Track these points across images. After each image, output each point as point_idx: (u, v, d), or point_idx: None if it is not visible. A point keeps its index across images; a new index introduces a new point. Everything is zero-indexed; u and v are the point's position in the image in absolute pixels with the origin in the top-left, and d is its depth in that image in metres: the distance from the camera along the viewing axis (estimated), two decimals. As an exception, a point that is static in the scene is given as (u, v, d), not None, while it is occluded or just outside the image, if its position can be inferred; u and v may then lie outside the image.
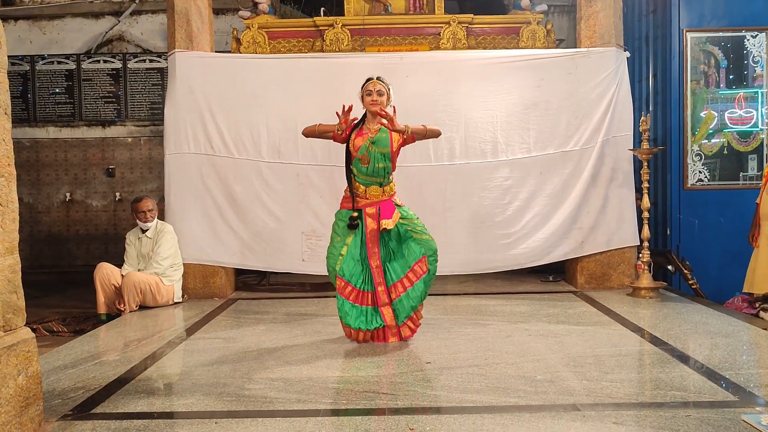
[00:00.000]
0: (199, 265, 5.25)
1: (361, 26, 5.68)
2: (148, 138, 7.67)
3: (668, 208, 5.98)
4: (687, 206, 5.83)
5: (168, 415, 2.57)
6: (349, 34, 5.65)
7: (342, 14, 5.85)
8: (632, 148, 5.17)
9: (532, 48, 5.52)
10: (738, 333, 3.76)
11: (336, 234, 3.71)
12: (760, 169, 5.66)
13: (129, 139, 7.69)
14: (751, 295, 4.53)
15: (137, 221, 5.01)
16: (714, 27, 5.81)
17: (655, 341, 3.59)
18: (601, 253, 5.31)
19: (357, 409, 2.57)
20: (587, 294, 5.10)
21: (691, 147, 5.82)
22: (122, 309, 4.71)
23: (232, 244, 5.25)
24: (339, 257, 3.65)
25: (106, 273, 4.80)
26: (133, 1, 7.77)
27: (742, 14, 5.79)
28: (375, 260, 3.66)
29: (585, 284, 5.35)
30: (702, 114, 5.81)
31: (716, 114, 5.80)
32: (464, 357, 3.32)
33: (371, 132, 3.66)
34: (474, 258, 5.29)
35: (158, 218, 5.10)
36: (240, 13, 5.93)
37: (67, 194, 7.67)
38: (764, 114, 5.77)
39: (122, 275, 4.82)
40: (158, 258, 4.89)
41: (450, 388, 2.82)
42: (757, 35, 5.77)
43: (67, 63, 7.63)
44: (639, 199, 5.09)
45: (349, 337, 3.69)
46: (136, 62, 7.64)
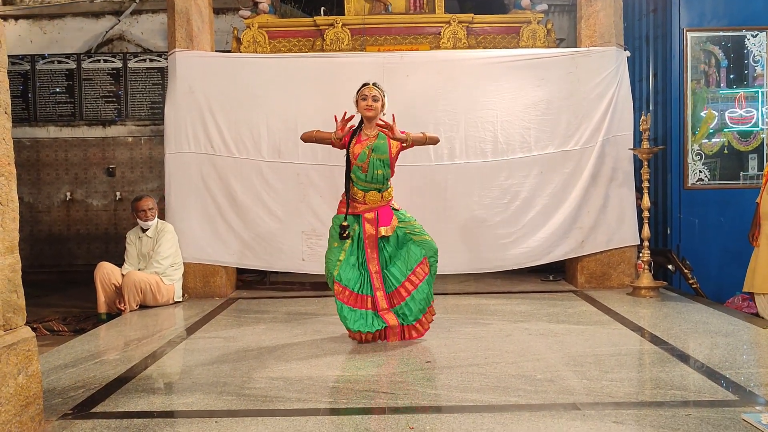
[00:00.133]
0: (200, 265, 5.26)
1: (362, 26, 5.68)
2: (149, 137, 7.67)
3: (668, 208, 5.98)
4: (687, 206, 5.83)
5: (168, 414, 2.58)
6: (350, 34, 5.66)
7: (342, 14, 5.85)
8: (632, 148, 5.17)
9: (533, 47, 5.52)
10: (738, 332, 3.76)
11: (333, 239, 3.70)
12: (761, 169, 5.66)
13: (129, 139, 7.69)
14: (751, 295, 4.53)
15: (137, 220, 5.01)
16: (714, 26, 5.81)
17: (656, 340, 3.60)
18: (602, 253, 5.31)
19: (357, 408, 2.57)
20: (587, 293, 5.11)
21: (692, 146, 5.82)
22: (122, 308, 4.71)
23: (233, 244, 5.26)
24: (337, 263, 3.63)
25: (107, 272, 4.81)
26: (134, 1, 7.76)
27: (743, 14, 5.79)
28: (374, 265, 3.66)
29: (585, 284, 5.35)
30: (702, 113, 5.81)
31: (716, 113, 5.80)
32: (464, 356, 3.32)
33: (369, 138, 3.65)
34: (474, 257, 5.29)
35: (158, 218, 5.10)
36: (240, 13, 5.93)
37: (68, 194, 7.67)
38: (764, 113, 5.77)
39: (122, 274, 4.82)
40: (158, 257, 4.89)
41: (450, 387, 2.82)
42: (758, 35, 5.76)
43: (68, 62, 7.63)
44: (639, 199, 5.10)
45: (351, 337, 3.69)
46: (137, 62, 7.64)
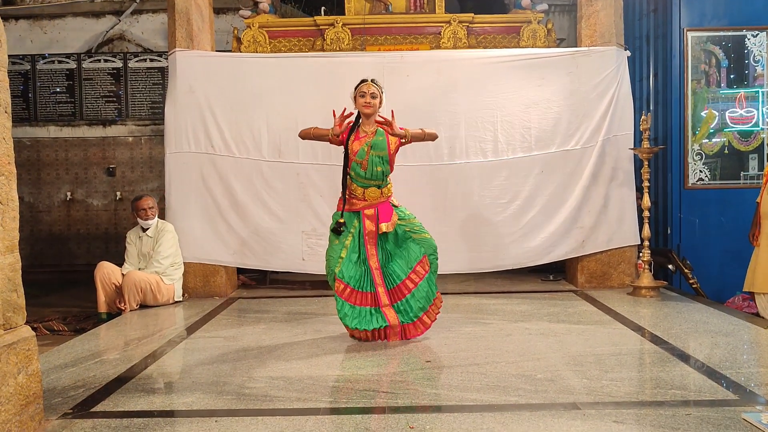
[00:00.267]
0: (200, 264, 5.26)
1: (362, 25, 5.68)
2: (149, 137, 7.67)
3: (669, 208, 5.97)
4: (687, 205, 5.83)
5: (168, 414, 2.58)
6: (350, 34, 5.66)
7: (342, 13, 5.85)
8: (633, 147, 5.17)
9: (533, 47, 5.52)
10: (738, 332, 3.76)
11: (334, 236, 3.71)
12: (761, 169, 5.65)
13: (130, 139, 7.69)
14: (752, 294, 4.53)
15: (138, 219, 5.01)
16: (715, 26, 5.81)
17: (656, 340, 3.59)
18: (602, 253, 5.31)
19: (357, 408, 2.57)
20: (588, 293, 5.10)
21: (692, 146, 5.82)
22: (123, 308, 4.71)
23: (233, 243, 5.26)
24: (338, 260, 3.64)
25: (107, 272, 4.81)
26: (134, 1, 7.77)
27: (743, 13, 5.79)
28: (374, 261, 3.66)
29: (585, 283, 5.35)
30: (703, 113, 5.81)
31: (717, 113, 5.80)
32: (464, 356, 3.32)
33: (368, 135, 3.65)
34: (475, 257, 5.29)
35: (159, 217, 5.10)
36: (240, 13, 5.94)
37: (68, 193, 7.68)
38: (765, 113, 5.77)
39: (123, 274, 4.82)
40: (159, 257, 4.89)
41: (450, 387, 2.82)
42: (758, 34, 5.76)
43: (68, 62, 7.64)
44: (639, 199, 5.09)
45: (352, 335, 3.69)
46: (137, 61, 7.65)
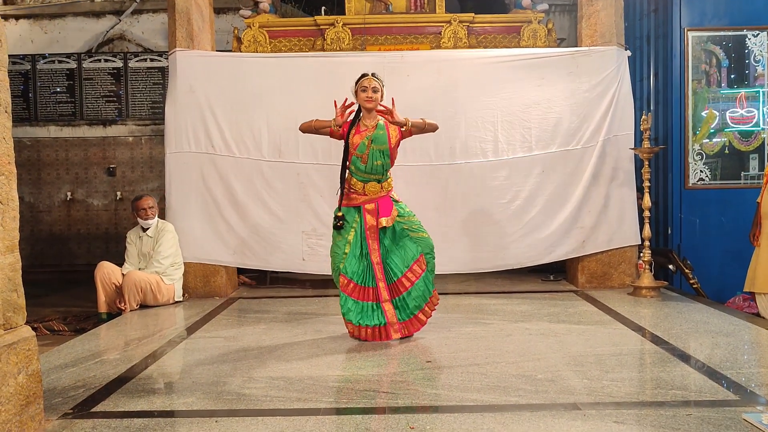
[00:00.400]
0: (200, 264, 5.26)
1: (362, 25, 5.68)
2: (149, 137, 7.67)
3: (669, 208, 5.97)
4: (688, 205, 5.83)
5: (168, 414, 2.58)
6: (350, 33, 5.65)
7: (343, 13, 5.85)
8: (633, 147, 5.17)
9: (533, 47, 5.52)
10: (739, 332, 3.76)
11: (336, 233, 3.71)
12: (762, 169, 5.65)
13: (130, 138, 7.69)
14: (752, 294, 4.53)
15: (138, 219, 5.01)
16: (715, 26, 5.81)
17: (656, 340, 3.59)
18: (602, 253, 5.30)
19: (357, 408, 2.57)
20: (588, 293, 5.10)
21: (693, 146, 5.81)
22: (123, 308, 4.71)
23: (233, 243, 5.25)
24: (343, 256, 3.67)
25: (107, 272, 4.81)
26: (134, 1, 7.77)
27: (744, 13, 5.79)
28: (375, 256, 3.67)
29: (586, 283, 5.34)
30: (703, 113, 5.81)
31: (717, 113, 5.80)
32: (465, 356, 3.32)
33: (368, 129, 3.65)
34: (475, 257, 5.29)
35: (159, 217, 5.10)
36: (241, 12, 5.94)
37: (68, 193, 7.67)
38: (765, 113, 5.76)
39: (123, 274, 4.82)
40: (159, 257, 4.89)
41: (450, 387, 2.82)
42: (759, 34, 5.76)
43: (68, 62, 7.63)
44: (640, 198, 5.09)
45: (352, 334, 3.69)
46: (137, 61, 7.64)
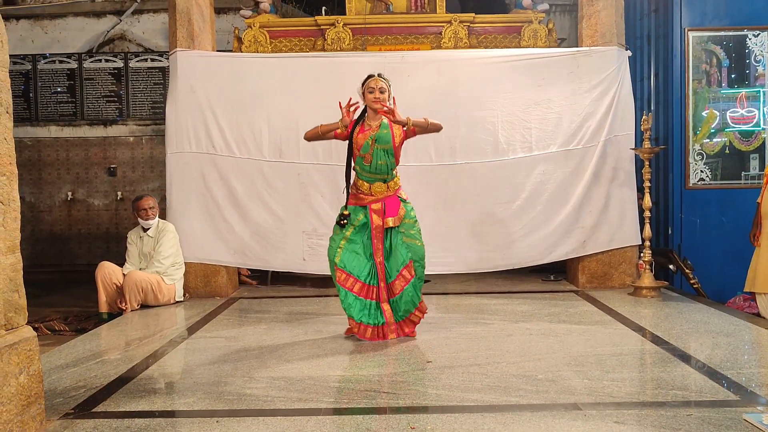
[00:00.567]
0: (201, 264, 5.26)
1: (363, 25, 5.68)
2: (150, 137, 7.67)
3: (670, 208, 5.97)
4: (688, 205, 5.82)
5: (169, 414, 2.58)
6: (351, 34, 5.66)
7: (343, 13, 5.85)
8: (634, 147, 5.17)
9: (534, 47, 5.52)
10: (739, 332, 3.76)
11: (337, 228, 3.72)
12: (762, 169, 5.64)
13: (131, 138, 7.70)
14: (753, 295, 4.53)
15: (138, 219, 5.01)
16: (716, 26, 5.80)
17: (657, 340, 3.59)
18: (603, 253, 5.30)
19: (358, 408, 2.57)
20: (588, 293, 5.10)
21: (693, 146, 5.81)
22: (124, 308, 4.72)
23: (233, 243, 5.25)
24: (338, 249, 3.67)
25: (108, 272, 4.81)
26: (135, 1, 7.77)
27: (744, 13, 5.78)
28: (379, 256, 3.68)
29: (586, 283, 5.34)
30: (704, 113, 5.80)
31: (718, 113, 5.79)
32: (465, 356, 3.32)
33: (372, 129, 3.65)
34: (475, 257, 5.29)
35: (159, 217, 5.11)
36: (241, 12, 5.94)
37: (69, 193, 7.68)
38: (766, 113, 5.76)
39: (124, 274, 4.82)
40: (160, 257, 4.90)
41: (451, 387, 2.82)
42: (759, 34, 5.75)
43: (69, 62, 7.64)
44: (641, 199, 5.09)
45: (354, 331, 3.68)
46: (138, 61, 7.65)
